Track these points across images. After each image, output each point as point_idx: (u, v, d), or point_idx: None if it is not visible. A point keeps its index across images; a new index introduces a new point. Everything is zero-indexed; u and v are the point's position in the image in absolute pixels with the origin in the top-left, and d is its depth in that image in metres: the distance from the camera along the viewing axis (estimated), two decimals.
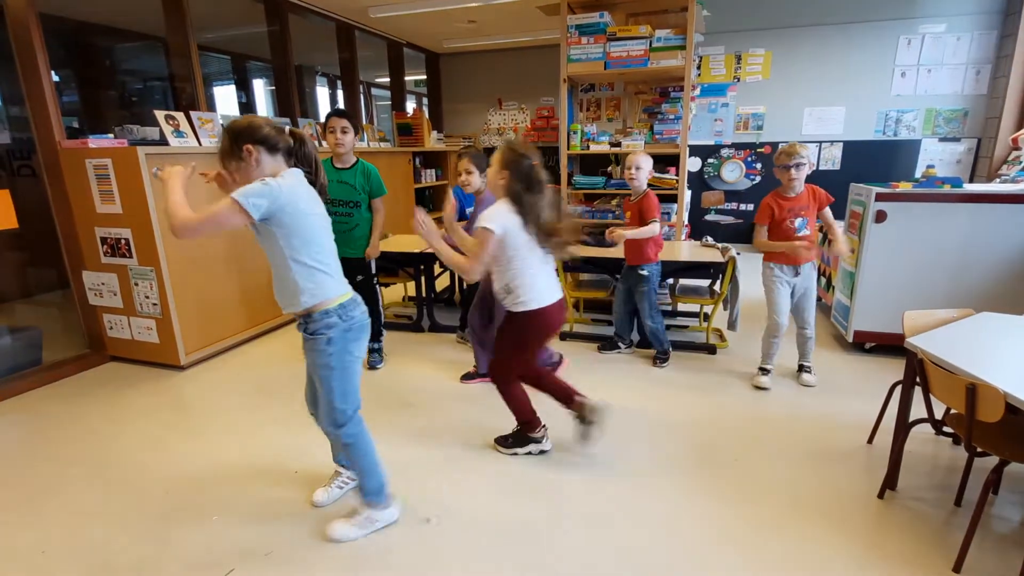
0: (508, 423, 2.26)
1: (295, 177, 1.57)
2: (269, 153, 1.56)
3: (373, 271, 3.07)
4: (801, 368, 2.89)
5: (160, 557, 1.70)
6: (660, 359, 3.11)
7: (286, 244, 1.52)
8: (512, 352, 2.11)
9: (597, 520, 1.84)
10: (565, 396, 2.19)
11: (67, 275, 3.24)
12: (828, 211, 2.66)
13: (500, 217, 1.87)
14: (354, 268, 3.04)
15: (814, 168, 2.67)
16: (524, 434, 2.22)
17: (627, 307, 3.20)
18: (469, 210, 3.09)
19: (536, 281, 1.97)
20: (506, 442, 2.26)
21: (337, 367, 1.60)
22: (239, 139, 1.54)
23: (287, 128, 1.65)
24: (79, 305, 3.27)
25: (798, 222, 2.64)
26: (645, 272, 2.97)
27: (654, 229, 2.86)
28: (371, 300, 2.98)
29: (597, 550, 1.70)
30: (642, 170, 2.90)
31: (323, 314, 1.58)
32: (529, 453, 2.23)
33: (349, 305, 1.63)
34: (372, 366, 3.13)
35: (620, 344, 3.31)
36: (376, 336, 3.14)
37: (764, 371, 2.85)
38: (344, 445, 1.71)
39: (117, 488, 2.07)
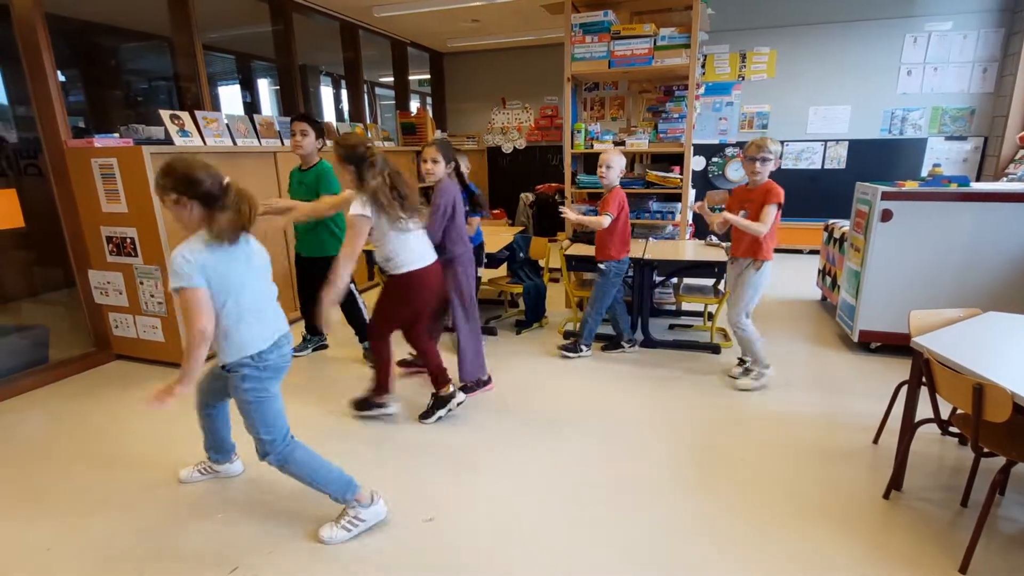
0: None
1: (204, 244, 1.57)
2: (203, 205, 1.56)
3: None
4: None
5: (164, 554, 1.71)
6: (569, 348, 3.23)
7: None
8: (392, 310, 2.38)
9: (599, 520, 1.84)
10: (439, 377, 2.50)
11: (73, 274, 3.26)
12: (766, 208, 2.55)
13: (361, 207, 2.13)
14: (322, 269, 3.07)
15: (780, 167, 2.69)
16: (374, 397, 2.49)
17: (618, 305, 3.27)
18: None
19: (407, 247, 2.27)
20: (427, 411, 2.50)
21: (254, 401, 1.68)
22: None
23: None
24: (85, 304, 3.29)
25: (741, 212, 2.67)
26: (603, 267, 3.06)
27: (602, 222, 2.93)
28: (348, 302, 3.02)
29: (598, 550, 1.70)
30: (612, 169, 2.96)
31: (234, 366, 1.66)
32: (383, 412, 2.51)
33: (268, 351, 1.69)
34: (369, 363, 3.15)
35: (623, 343, 3.31)
36: (364, 336, 3.18)
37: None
38: (279, 468, 1.74)
39: (122, 486, 2.08)
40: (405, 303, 2.36)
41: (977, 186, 3.00)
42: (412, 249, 2.29)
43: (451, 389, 2.53)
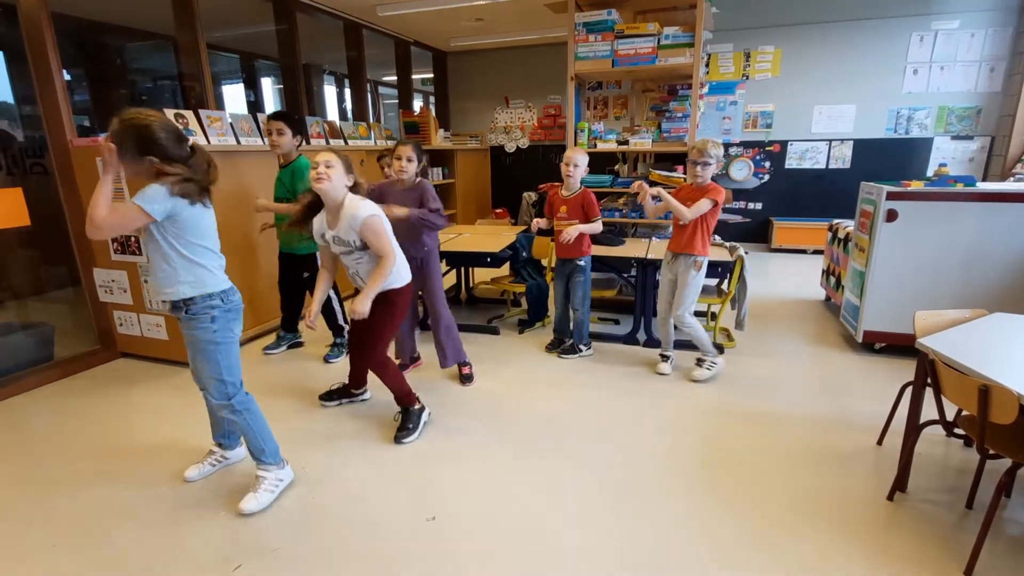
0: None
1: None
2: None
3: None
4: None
5: (168, 552, 1.72)
6: (567, 352, 3.22)
7: (175, 240, 1.70)
8: (393, 328, 2.31)
9: (598, 520, 1.83)
10: (409, 392, 2.42)
11: (78, 272, 3.27)
12: (702, 200, 2.68)
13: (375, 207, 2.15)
14: (298, 264, 3.13)
15: (722, 168, 2.82)
16: (411, 412, 2.39)
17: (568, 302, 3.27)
18: None
19: (401, 257, 2.22)
20: (407, 431, 2.34)
21: (222, 343, 1.80)
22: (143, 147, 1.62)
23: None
24: (90, 302, 3.30)
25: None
26: (583, 263, 3.08)
27: (599, 226, 3.01)
28: (326, 305, 3.13)
29: (598, 551, 1.69)
30: (580, 167, 2.97)
31: (206, 297, 1.77)
32: (425, 424, 2.41)
33: (229, 291, 1.84)
34: (326, 359, 3.25)
35: (565, 341, 3.32)
36: (337, 331, 3.29)
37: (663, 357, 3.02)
38: (236, 414, 1.87)
39: (126, 483, 2.09)
40: (401, 316, 2.34)
41: (984, 186, 2.98)
42: (404, 260, 2.27)
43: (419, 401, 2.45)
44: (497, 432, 2.40)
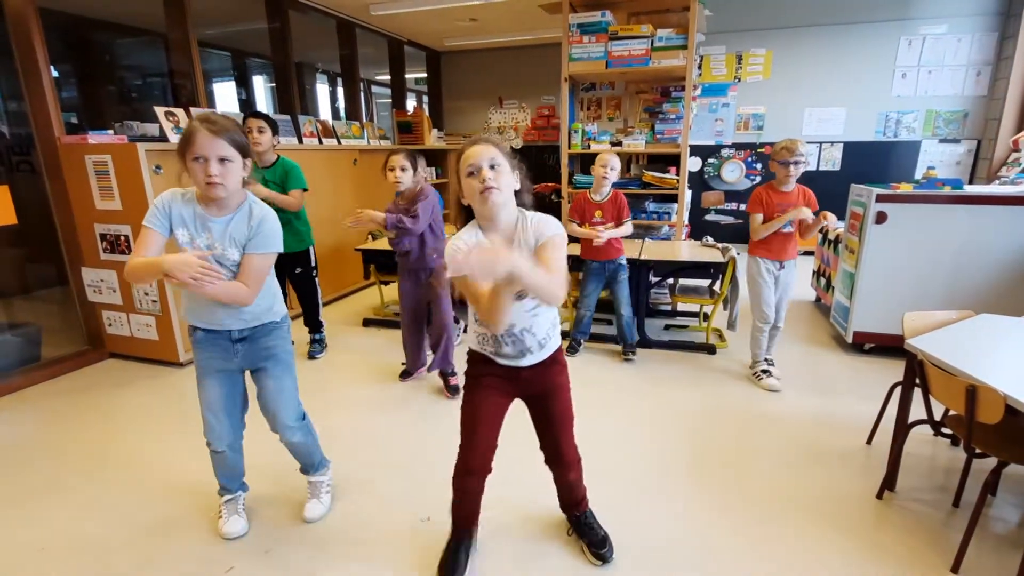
0: None
1: None
2: None
3: (313, 264, 3.22)
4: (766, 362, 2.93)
5: (159, 554, 1.70)
6: (633, 352, 3.19)
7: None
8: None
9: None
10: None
11: (66, 271, 3.23)
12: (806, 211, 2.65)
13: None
14: (291, 262, 3.15)
15: (809, 168, 2.73)
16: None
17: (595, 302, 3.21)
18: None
19: None
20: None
21: (292, 363, 1.76)
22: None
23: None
24: (78, 302, 3.27)
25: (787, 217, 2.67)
26: (623, 261, 3.08)
27: (629, 228, 3.03)
28: (310, 292, 3.23)
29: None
30: (615, 170, 2.99)
31: (285, 316, 1.72)
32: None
33: None
34: (312, 356, 3.28)
35: (580, 343, 3.32)
36: (317, 327, 3.33)
37: (767, 372, 2.84)
38: (306, 433, 1.80)
39: (116, 485, 2.06)
40: None
41: (971, 189, 3.03)
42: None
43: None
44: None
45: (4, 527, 1.85)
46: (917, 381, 1.78)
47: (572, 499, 1.70)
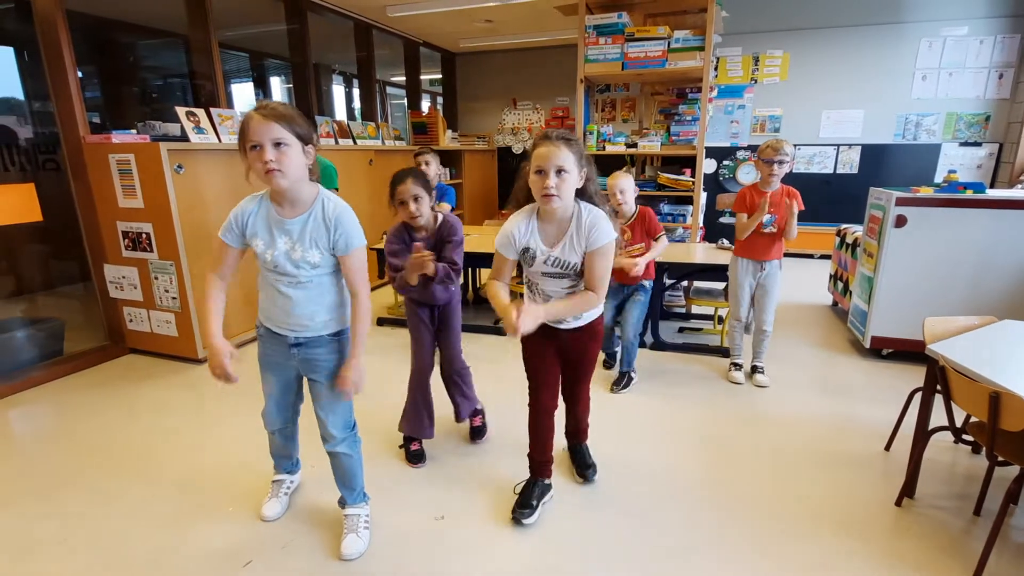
0: None
1: None
2: None
3: None
4: (754, 369, 2.93)
5: (177, 548, 1.73)
6: (627, 383, 2.85)
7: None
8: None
9: (604, 522, 1.84)
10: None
11: (89, 268, 3.30)
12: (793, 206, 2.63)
13: None
14: None
15: (793, 168, 2.74)
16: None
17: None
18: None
19: None
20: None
21: None
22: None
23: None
24: (100, 298, 3.33)
25: (766, 218, 2.67)
26: (648, 284, 2.86)
27: (666, 241, 2.84)
28: None
29: (603, 553, 1.70)
30: (626, 192, 2.73)
31: (340, 333, 1.65)
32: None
33: None
34: None
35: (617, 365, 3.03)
36: None
37: (736, 365, 2.94)
38: (353, 445, 1.73)
39: (135, 479, 2.10)
40: None
41: (993, 193, 2.97)
42: None
43: None
44: (503, 432, 2.40)
45: (25, 519, 1.89)
46: (939, 387, 1.75)
47: (576, 429, 2.07)
